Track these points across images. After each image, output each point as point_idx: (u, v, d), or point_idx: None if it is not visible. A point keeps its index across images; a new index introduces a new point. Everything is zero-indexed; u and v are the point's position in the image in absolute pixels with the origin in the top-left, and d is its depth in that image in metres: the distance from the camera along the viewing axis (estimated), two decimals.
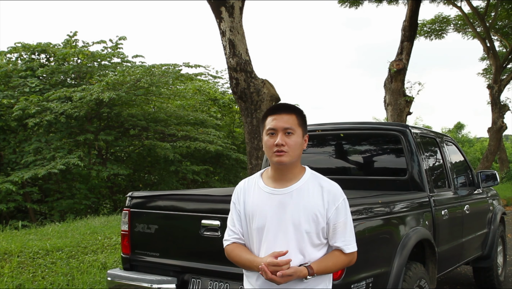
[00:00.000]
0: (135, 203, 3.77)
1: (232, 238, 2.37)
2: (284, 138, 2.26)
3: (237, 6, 7.69)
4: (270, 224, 2.26)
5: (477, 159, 31.19)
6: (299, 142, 2.31)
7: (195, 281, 3.39)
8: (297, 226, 2.23)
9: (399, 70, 12.93)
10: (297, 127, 2.31)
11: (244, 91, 7.67)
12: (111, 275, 3.67)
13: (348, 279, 2.93)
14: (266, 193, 2.31)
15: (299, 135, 2.31)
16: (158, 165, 15.54)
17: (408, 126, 4.47)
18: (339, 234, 2.27)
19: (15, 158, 12.91)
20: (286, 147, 2.25)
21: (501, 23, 23.29)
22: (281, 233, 2.24)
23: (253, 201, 2.33)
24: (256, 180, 2.39)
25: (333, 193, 2.29)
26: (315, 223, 2.24)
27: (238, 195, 2.41)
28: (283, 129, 2.27)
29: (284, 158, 2.25)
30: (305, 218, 2.23)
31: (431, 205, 4.18)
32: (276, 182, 2.33)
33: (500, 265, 6.12)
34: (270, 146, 2.28)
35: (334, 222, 2.26)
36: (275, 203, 2.27)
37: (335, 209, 2.27)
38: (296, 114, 2.33)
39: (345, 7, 19.20)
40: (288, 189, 2.29)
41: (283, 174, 2.31)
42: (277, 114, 2.31)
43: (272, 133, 2.29)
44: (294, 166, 2.31)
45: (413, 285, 3.56)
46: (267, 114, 2.36)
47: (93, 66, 15.00)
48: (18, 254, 5.80)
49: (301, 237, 2.23)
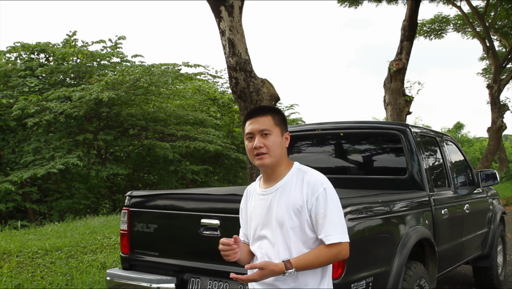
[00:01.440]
0: (134, 202, 3.76)
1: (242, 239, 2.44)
2: (262, 140, 2.26)
3: (237, 6, 7.68)
4: (259, 224, 2.30)
5: (476, 159, 31.18)
6: (278, 142, 2.29)
7: (195, 280, 3.38)
8: (282, 223, 2.23)
9: (398, 69, 12.92)
10: (273, 127, 2.30)
11: (244, 91, 7.66)
12: (110, 275, 3.66)
13: (348, 278, 2.92)
14: (259, 195, 2.36)
15: (277, 135, 2.30)
16: (157, 164, 15.54)
17: (408, 126, 4.46)
18: (321, 225, 2.19)
19: (14, 157, 12.90)
20: (265, 148, 2.26)
21: (501, 23, 23.30)
22: (269, 232, 2.26)
23: (251, 205, 2.40)
24: (255, 184, 2.44)
25: (312, 184, 2.24)
26: (297, 217, 2.21)
27: (244, 199, 2.49)
28: (259, 131, 2.28)
29: (265, 160, 2.26)
30: (287, 214, 2.22)
31: (431, 204, 4.17)
32: (266, 183, 2.36)
33: (500, 265, 6.11)
34: (250, 150, 2.30)
35: (315, 214, 2.20)
36: (264, 203, 2.31)
37: (315, 199, 2.20)
38: (271, 114, 2.32)
39: (344, 7, 19.20)
40: (275, 187, 2.30)
41: (269, 174, 2.34)
42: (253, 118, 2.31)
43: (251, 137, 2.30)
44: (279, 164, 2.31)
45: (413, 284, 3.56)
46: (245, 120, 2.37)
47: (93, 66, 15.00)
48: (17, 253, 5.79)
49: (287, 234, 2.22)
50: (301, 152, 5.19)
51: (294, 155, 5.08)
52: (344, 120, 4.96)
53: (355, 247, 3.02)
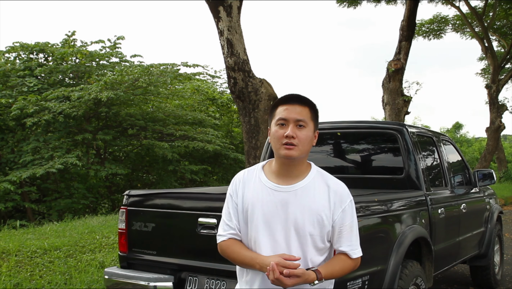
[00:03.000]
0: (133, 201, 3.78)
1: (228, 233, 2.19)
2: (295, 130, 2.09)
3: (235, 6, 7.70)
4: (271, 222, 2.10)
5: (475, 159, 31.22)
6: (310, 137, 2.14)
7: (192, 279, 3.40)
8: (301, 227, 2.08)
9: (397, 70, 12.95)
10: (310, 120, 2.14)
11: (242, 91, 7.68)
12: (109, 273, 3.68)
13: (344, 276, 2.93)
14: (268, 188, 2.14)
15: (311, 130, 2.14)
16: (156, 164, 15.55)
17: (405, 125, 4.48)
18: (345, 237, 2.13)
19: (13, 157, 12.92)
20: (297, 140, 2.08)
21: (499, 23, 23.35)
22: (283, 233, 2.09)
23: (253, 196, 2.15)
24: (257, 172, 2.21)
25: (339, 194, 2.15)
26: (320, 225, 2.10)
27: (236, 186, 2.23)
28: (295, 120, 2.10)
29: (293, 151, 2.08)
30: (310, 220, 2.09)
31: (428, 204, 4.19)
32: (279, 178, 2.15)
33: (497, 264, 6.13)
34: (279, 137, 2.10)
35: (340, 225, 2.12)
36: (278, 200, 2.11)
37: (341, 211, 2.13)
38: (309, 107, 2.15)
39: (343, 7, 19.22)
40: (293, 187, 2.12)
41: (289, 170, 2.14)
42: (290, 104, 2.13)
43: (283, 124, 2.11)
44: (301, 162, 2.15)
45: (410, 283, 3.57)
46: (278, 103, 2.18)
47: (91, 65, 15.02)
48: (16, 253, 5.80)
49: (304, 239, 2.09)
50: None
51: None
52: (341, 120, 4.98)
53: None
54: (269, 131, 2.21)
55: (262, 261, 2.05)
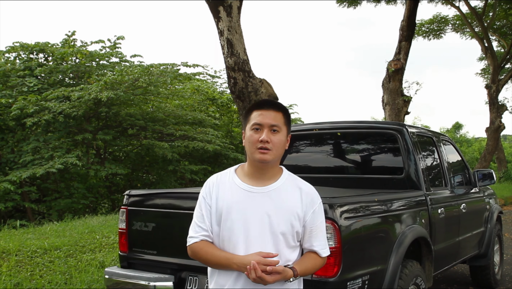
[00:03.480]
0: (133, 201, 3.78)
1: (200, 235, 2.22)
2: (270, 135, 2.17)
3: (235, 6, 7.70)
4: (245, 223, 2.16)
5: (475, 159, 31.23)
6: (283, 142, 2.23)
7: (192, 279, 3.40)
8: (275, 227, 2.16)
9: (397, 70, 12.95)
10: (283, 125, 2.23)
11: (242, 91, 7.69)
12: (109, 273, 3.68)
13: (344, 276, 2.94)
14: (242, 190, 2.21)
15: (284, 134, 2.23)
16: (156, 164, 15.56)
17: (404, 125, 4.49)
18: (315, 237, 2.23)
19: (13, 157, 12.92)
20: (271, 144, 2.16)
21: (499, 23, 23.36)
22: (257, 233, 2.15)
23: (227, 198, 2.21)
24: (231, 175, 2.28)
25: (311, 196, 2.25)
26: (292, 225, 2.18)
27: (210, 189, 2.28)
28: (269, 126, 2.19)
29: (267, 155, 2.16)
30: (283, 219, 2.17)
31: (428, 204, 4.20)
32: (253, 180, 2.23)
33: (497, 264, 6.14)
34: (254, 142, 2.18)
35: (311, 225, 2.22)
36: (252, 201, 2.19)
37: (312, 212, 2.22)
38: (283, 112, 2.24)
39: (343, 7, 19.22)
40: (267, 188, 2.21)
41: (262, 173, 2.22)
42: (264, 109, 2.21)
43: (257, 129, 2.19)
44: (274, 165, 2.25)
45: (409, 283, 3.58)
46: (252, 108, 2.26)
47: (91, 65, 15.02)
48: (16, 253, 5.81)
49: (278, 238, 2.17)
50: (299, 151, 5.22)
51: (292, 155, 5.10)
52: (341, 120, 4.99)
53: (351, 245, 3.05)
54: (244, 135, 2.28)
55: (240, 261, 2.10)
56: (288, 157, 5.15)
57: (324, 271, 2.86)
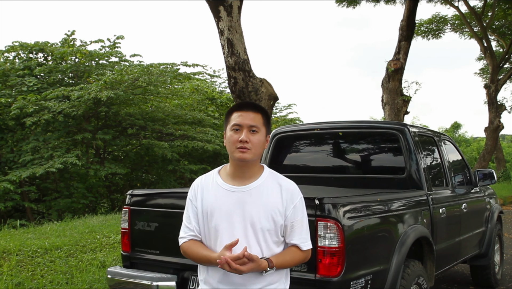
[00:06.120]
0: (135, 201, 3.79)
1: (188, 235, 2.36)
2: (249, 135, 2.27)
3: (236, 6, 7.71)
4: (229, 221, 2.26)
5: (474, 159, 31.27)
6: (262, 141, 2.32)
7: (195, 278, 3.40)
8: (257, 223, 2.24)
9: (396, 69, 12.97)
10: (262, 126, 2.32)
11: (242, 90, 7.69)
12: (111, 273, 3.69)
13: (347, 276, 2.95)
14: (224, 190, 2.31)
15: (263, 134, 2.33)
16: (156, 164, 15.54)
17: (406, 125, 4.50)
18: (296, 231, 2.30)
19: (13, 157, 12.89)
20: (250, 144, 2.26)
21: (498, 23, 23.38)
22: (241, 230, 2.25)
23: (211, 198, 2.32)
24: (214, 176, 2.38)
25: (291, 191, 2.32)
26: (274, 221, 2.26)
27: (195, 191, 2.39)
28: (248, 126, 2.28)
29: (247, 154, 2.25)
30: (265, 216, 2.25)
31: (429, 203, 4.21)
32: (235, 179, 2.32)
33: (497, 264, 6.15)
34: (233, 142, 2.28)
35: (292, 220, 2.29)
36: (234, 200, 2.28)
37: (293, 207, 2.30)
38: (262, 113, 2.34)
39: (342, 6, 19.23)
40: (248, 187, 2.29)
41: (243, 172, 2.31)
42: (244, 111, 2.31)
43: (237, 129, 2.29)
44: (254, 164, 2.33)
45: (411, 282, 3.59)
46: (233, 110, 2.36)
47: (91, 65, 14.99)
48: (17, 252, 5.80)
49: (260, 234, 2.25)
50: (299, 151, 5.22)
51: (294, 155, 5.11)
52: (342, 120, 5.00)
53: (354, 245, 3.06)
54: (225, 136, 2.37)
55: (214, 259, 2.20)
56: (289, 157, 5.16)
57: (327, 270, 2.87)
